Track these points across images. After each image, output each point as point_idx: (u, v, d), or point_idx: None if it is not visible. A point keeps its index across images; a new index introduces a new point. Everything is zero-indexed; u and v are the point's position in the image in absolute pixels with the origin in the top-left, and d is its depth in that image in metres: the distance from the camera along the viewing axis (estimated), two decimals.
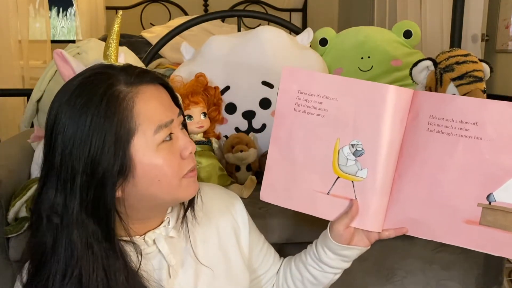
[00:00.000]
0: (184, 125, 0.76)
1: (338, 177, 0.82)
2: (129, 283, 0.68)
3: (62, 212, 0.65)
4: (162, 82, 0.73)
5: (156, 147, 0.67)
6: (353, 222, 0.81)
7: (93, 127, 0.64)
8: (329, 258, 0.86)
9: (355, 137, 0.80)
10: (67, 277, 0.65)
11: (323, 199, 0.83)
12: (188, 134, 0.76)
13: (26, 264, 0.71)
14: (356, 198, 0.80)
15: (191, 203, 0.80)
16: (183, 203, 0.80)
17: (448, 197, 0.76)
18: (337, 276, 0.90)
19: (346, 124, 0.80)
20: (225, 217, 0.86)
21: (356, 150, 0.80)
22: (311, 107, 0.83)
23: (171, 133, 0.69)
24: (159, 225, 0.77)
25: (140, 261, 0.71)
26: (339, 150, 0.81)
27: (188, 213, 0.80)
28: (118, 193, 0.67)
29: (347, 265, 0.88)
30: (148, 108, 0.67)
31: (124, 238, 0.71)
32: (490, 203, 0.74)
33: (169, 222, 0.78)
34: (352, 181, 0.81)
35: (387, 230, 0.82)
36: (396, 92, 0.77)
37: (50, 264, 0.66)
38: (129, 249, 0.70)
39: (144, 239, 0.75)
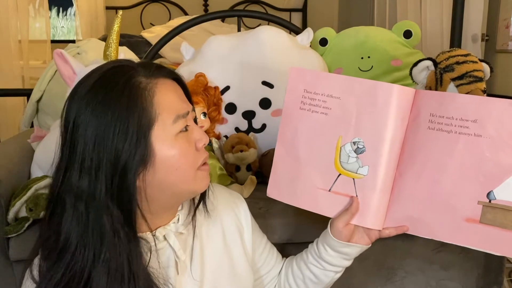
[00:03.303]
0: (195, 121, 0.78)
1: (340, 174, 0.82)
2: (142, 276, 0.69)
3: (87, 198, 0.66)
4: (177, 77, 0.76)
5: (174, 136, 0.70)
6: (353, 220, 0.81)
7: (116, 118, 0.66)
8: (330, 256, 0.86)
9: (357, 134, 0.80)
10: (99, 261, 0.66)
11: (325, 196, 0.84)
12: None
13: (36, 260, 0.71)
14: (356, 195, 0.81)
15: (203, 196, 0.82)
16: (193, 199, 0.82)
17: (448, 195, 0.76)
18: (338, 275, 0.90)
19: (348, 122, 0.81)
20: (229, 217, 0.87)
21: (358, 147, 0.80)
22: (315, 105, 0.84)
23: (187, 124, 0.72)
24: (169, 222, 0.78)
25: (150, 256, 0.71)
26: (341, 148, 0.82)
27: (197, 209, 0.81)
28: (139, 183, 0.68)
29: (347, 263, 0.88)
30: (167, 98, 0.70)
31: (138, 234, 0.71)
32: (490, 201, 0.73)
33: (178, 219, 0.79)
34: (353, 179, 0.81)
35: (387, 228, 0.82)
36: (399, 91, 0.78)
37: (75, 251, 0.67)
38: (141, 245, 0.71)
39: (154, 234, 0.75)
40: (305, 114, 0.85)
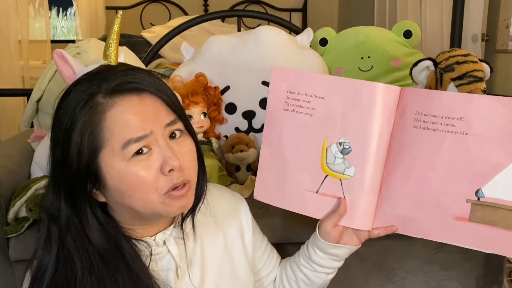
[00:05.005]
0: (188, 129, 0.72)
1: (327, 176, 0.82)
2: (142, 278, 0.69)
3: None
4: (153, 91, 0.68)
5: (127, 162, 0.65)
6: (342, 221, 0.81)
7: (74, 140, 0.65)
8: (319, 257, 0.86)
9: (343, 135, 0.80)
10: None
11: (312, 198, 0.83)
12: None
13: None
14: (344, 197, 0.80)
15: (193, 210, 0.78)
16: None
17: (437, 194, 0.76)
18: (330, 276, 0.90)
19: (334, 123, 0.80)
20: (231, 219, 0.86)
21: (344, 148, 0.80)
22: (299, 106, 0.83)
23: (145, 146, 0.66)
24: (169, 226, 0.77)
25: (150, 262, 0.71)
26: (327, 148, 0.81)
27: (197, 214, 0.80)
28: (102, 198, 0.69)
29: (338, 264, 0.88)
30: (120, 122, 0.65)
31: (137, 238, 0.72)
32: (478, 199, 0.73)
33: (178, 222, 0.78)
34: (340, 180, 0.81)
35: (376, 228, 0.81)
36: (384, 89, 0.77)
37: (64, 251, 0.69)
38: (139, 249, 0.71)
39: (154, 239, 0.75)
40: (289, 115, 0.84)
